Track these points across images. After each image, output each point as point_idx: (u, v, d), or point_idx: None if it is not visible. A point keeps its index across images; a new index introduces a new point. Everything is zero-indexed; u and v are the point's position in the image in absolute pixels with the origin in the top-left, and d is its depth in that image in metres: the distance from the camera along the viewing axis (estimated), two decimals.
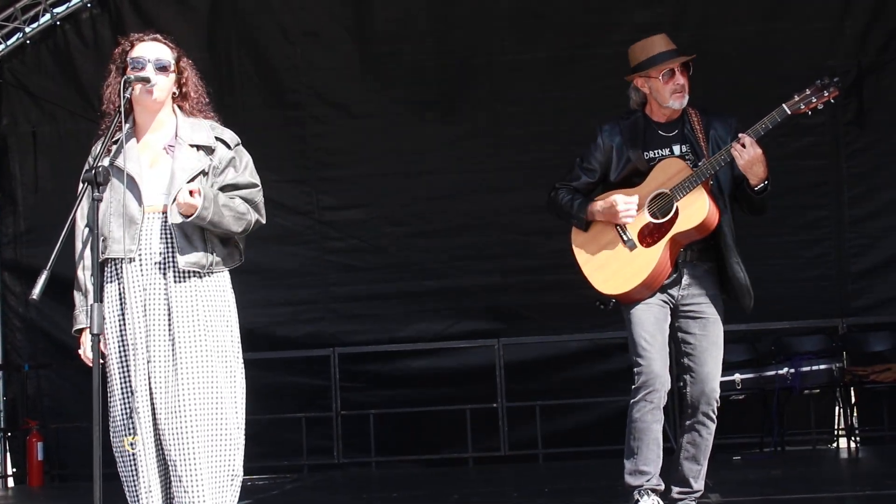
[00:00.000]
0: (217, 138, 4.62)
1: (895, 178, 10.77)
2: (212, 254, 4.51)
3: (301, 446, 10.93)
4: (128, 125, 4.61)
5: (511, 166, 11.00)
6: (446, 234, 11.21)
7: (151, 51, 4.60)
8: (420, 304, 11.18)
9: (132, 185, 4.51)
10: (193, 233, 4.47)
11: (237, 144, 4.68)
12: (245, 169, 4.65)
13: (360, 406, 11.00)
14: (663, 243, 5.45)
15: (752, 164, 5.35)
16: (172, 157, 4.53)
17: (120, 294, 4.49)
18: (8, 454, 11.50)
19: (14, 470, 11.39)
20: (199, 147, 4.56)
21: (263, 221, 4.68)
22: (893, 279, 10.72)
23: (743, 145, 5.31)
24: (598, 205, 5.58)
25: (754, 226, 6.73)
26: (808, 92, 5.39)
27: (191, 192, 4.38)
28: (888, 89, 10.75)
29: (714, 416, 5.57)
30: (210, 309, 4.49)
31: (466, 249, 11.18)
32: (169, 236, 4.47)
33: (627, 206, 5.48)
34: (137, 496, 4.45)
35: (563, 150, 10.17)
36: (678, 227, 5.43)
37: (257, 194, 4.64)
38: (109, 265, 4.52)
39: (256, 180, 4.67)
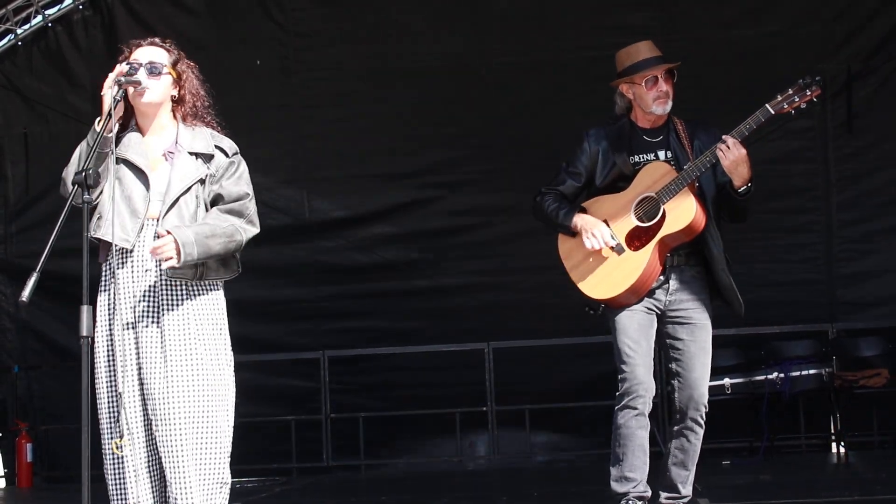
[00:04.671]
0: (216, 146, 4.60)
1: (884, 183, 10.80)
2: (202, 265, 4.49)
3: (290, 449, 10.94)
4: (132, 125, 4.58)
5: (502, 168, 11.01)
6: (437, 234, 11.22)
7: (146, 55, 4.58)
8: (410, 305, 11.19)
9: (141, 177, 4.48)
10: (184, 241, 4.45)
11: (235, 153, 4.64)
12: (239, 178, 4.60)
13: (350, 409, 11.00)
14: (651, 246, 5.46)
15: (737, 165, 5.38)
16: (171, 164, 4.52)
17: (108, 297, 4.48)
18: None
19: (6, 471, 11.39)
20: (198, 155, 4.54)
21: (256, 230, 4.62)
22: (882, 283, 10.75)
23: (727, 146, 5.34)
24: (583, 219, 5.60)
25: (744, 229, 6.76)
26: (790, 91, 5.42)
27: (157, 238, 4.35)
28: (877, 94, 10.77)
29: (702, 422, 5.58)
30: (201, 316, 4.46)
31: (457, 250, 11.19)
32: None
33: (600, 236, 5.50)
34: (125, 499, 4.43)
35: (554, 152, 10.11)
36: (666, 230, 5.45)
37: (248, 204, 4.59)
38: (104, 266, 4.50)
39: (249, 189, 4.62)
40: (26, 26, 11.40)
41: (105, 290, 4.50)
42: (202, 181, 4.52)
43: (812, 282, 10.83)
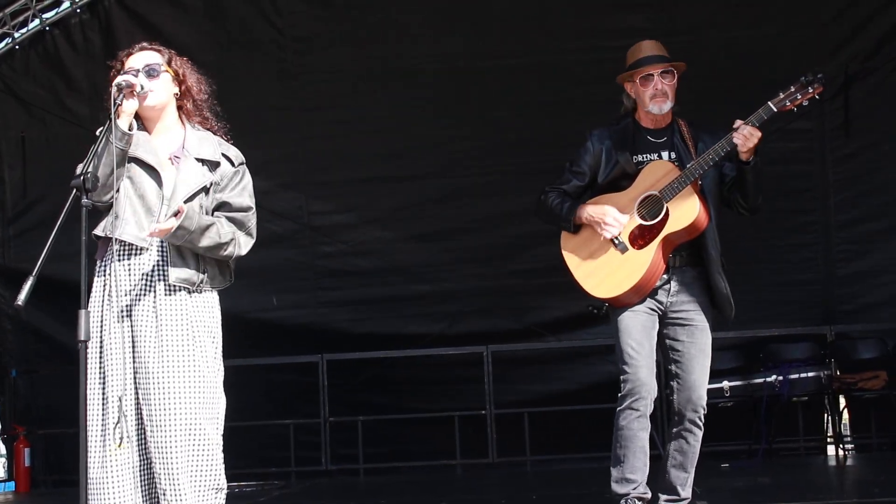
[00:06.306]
0: (223, 154, 4.60)
1: (881, 184, 10.83)
2: (203, 273, 4.48)
3: (289, 453, 10.92)
4: (138, 125, 4.56)
5: (502, 170, 11.00)
6: (437, 237, 11.22)
7: (141, 59, 4.59)
8: (409, 308, 11.18)
9: (153, 175, 4.49)
10: (187, 249, 4.45)
11: (241, 163, 4.66)
12: (244, 190, 4.62)
13: (349, 413, 10.99)
14: (655, 245, 5.45)
15: (752, 145, 5.37)
16: (177, 168, 4.52)
17: (103, 299, 4.46)
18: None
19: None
20: (204, 161, 4.55)
21: (252, 241, 4.62)
22: (880, 284, 10.76)
23: (745, 134, 5.33)
24: (589, 209, 5.59)
25: (742, 230, 6.77)
26: (792, 89, 5.41)
27: (176, 213, 4.34)
28: (874, 96, 10.78)
29: (701, 424, 5.57)
30: (198, 324, 4.45)
31: (457, 253, 11.18)
32: (164, 250, 4.45)
33: (615, 221, 5.48)
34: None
35: (554, 154, 10.09)
36: (669, 228, 5.44)
37: (251, 217, 4.61)
38: (100, 263, 4.48)
39: (252, 203, 4.64)
40: (24, 30, 11.39)
41: (101, 277, 4.48)
42: (206, 189, 4.52)
43: (810, 282, 10.86)
